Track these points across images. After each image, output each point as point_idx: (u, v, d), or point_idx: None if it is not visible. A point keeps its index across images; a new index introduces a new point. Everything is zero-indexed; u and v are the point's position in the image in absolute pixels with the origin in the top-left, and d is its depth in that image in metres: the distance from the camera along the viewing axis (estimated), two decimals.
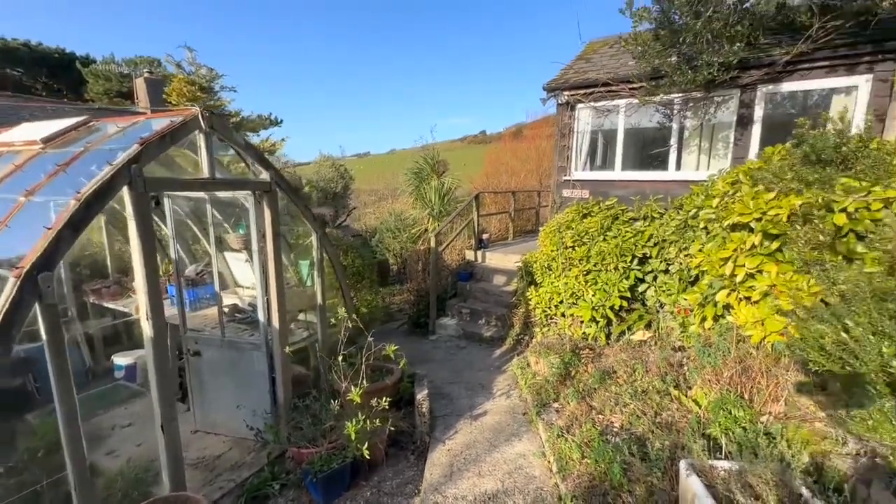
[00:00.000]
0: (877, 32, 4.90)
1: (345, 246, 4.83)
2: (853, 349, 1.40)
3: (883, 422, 1.30)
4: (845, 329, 1.43)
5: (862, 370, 1.37)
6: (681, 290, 4.77)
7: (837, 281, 1.53)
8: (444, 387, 5.05)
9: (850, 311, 1.42)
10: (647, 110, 6.59)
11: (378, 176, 29.03)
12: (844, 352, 1.45)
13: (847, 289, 1.47)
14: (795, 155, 2.22)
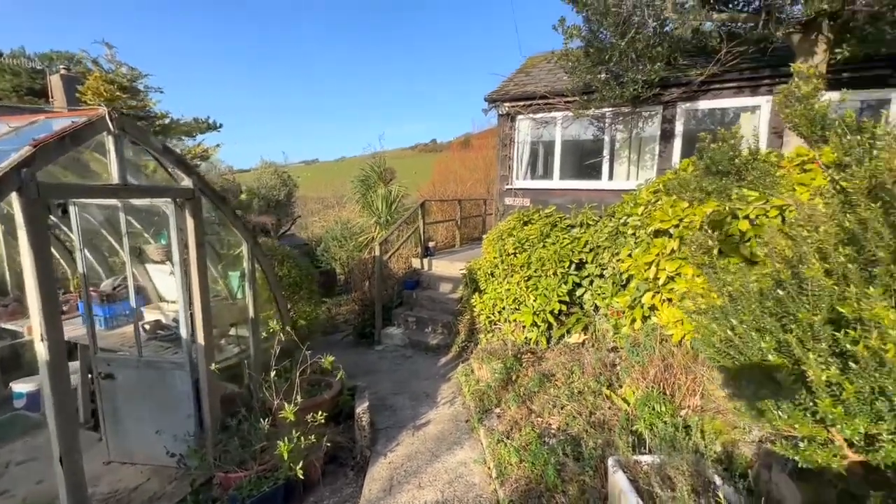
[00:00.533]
0: (773, 59, 5.49)
1: (280, 256, 4.62)
2: (738, 345, 1.53)
3: (765, 410, 1.43)
4: (731, 327, 1.56)
5: (746, 364, 1.50)
6: (614, 294, 5.02)
7: (726, 283, 1.67)
8: (388, 398, 4.96)
9: (736, 310, 1.55)
10: (582, 122, 6.94)
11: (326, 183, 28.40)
12: (731, 348, 1.59)
13: (734, 290, 1.61)
14: (699, 167, 2.42)
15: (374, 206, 11.13)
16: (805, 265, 1.34)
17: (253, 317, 3.97)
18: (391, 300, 7.50)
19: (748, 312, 1.49)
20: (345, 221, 12.41)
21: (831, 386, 1.26)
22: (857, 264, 1.26)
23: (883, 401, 1.16)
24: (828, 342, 1.28)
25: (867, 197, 1.29)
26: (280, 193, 14.28)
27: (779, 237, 1.51)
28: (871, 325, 1.20)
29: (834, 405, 1.22)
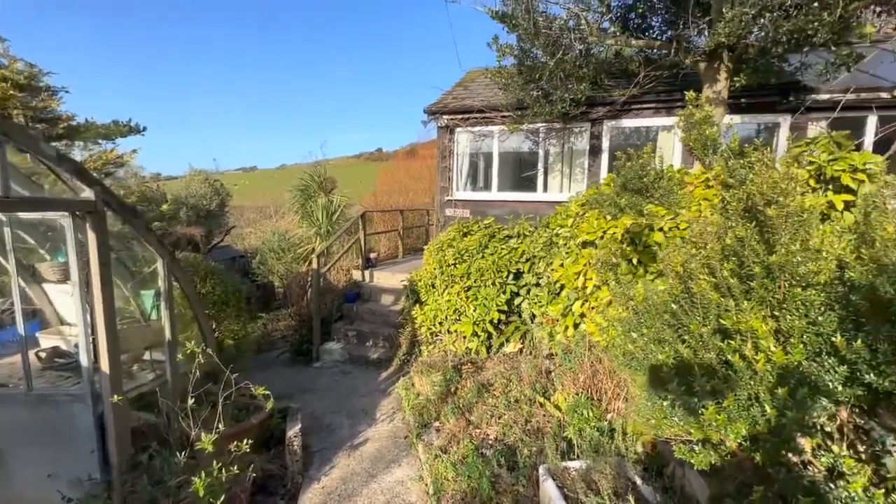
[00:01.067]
0: (685, 83, 6.03)
1: (203, 271, 4.31)
2: (639, 357, 1.64)
3: (661, 417, 1.54)
4: (632, 341, 1.66)
5: (647, 373, 1.60)
6: (549, 302, 5.19)
7: (629, 297, 1.78)
8: (324, 417, 4.76)
9: (640, 323, 1.66)
10: (518, 136, 7.19)
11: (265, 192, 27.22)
12: (633, 360, 1.69)
13: (637, 304, 1.72)
14: (616, 184, 2.58)
15: (314, 216, 10.78)
16: (694, 280, 1.46)
17: (170, 339, 3.65)
18: (331, 314, 7.26)
19: (649, 326, 1.60)
20: (283, 232, 11.90)
21: (716, 394, 1.37)
22: (738, 278, 1.39)
23: (757, 406, 1.28)
24: (716, 352, 1.40)
25: (744, 217, 1.44)
26: (211, 203, 13.42)
27: (674, 253, 1.64)
28: (748, 335, 1.32)
29: (718, 412, 1.33)
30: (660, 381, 1.53)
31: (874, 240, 1.32)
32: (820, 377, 1.28)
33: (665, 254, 1.70)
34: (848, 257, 1.33)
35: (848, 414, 1.57)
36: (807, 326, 1.34)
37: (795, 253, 1.31)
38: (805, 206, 1.37)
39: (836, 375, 1.26)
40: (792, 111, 5.80)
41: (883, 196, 1.42)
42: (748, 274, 1.43)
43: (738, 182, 1.52)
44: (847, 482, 1.29)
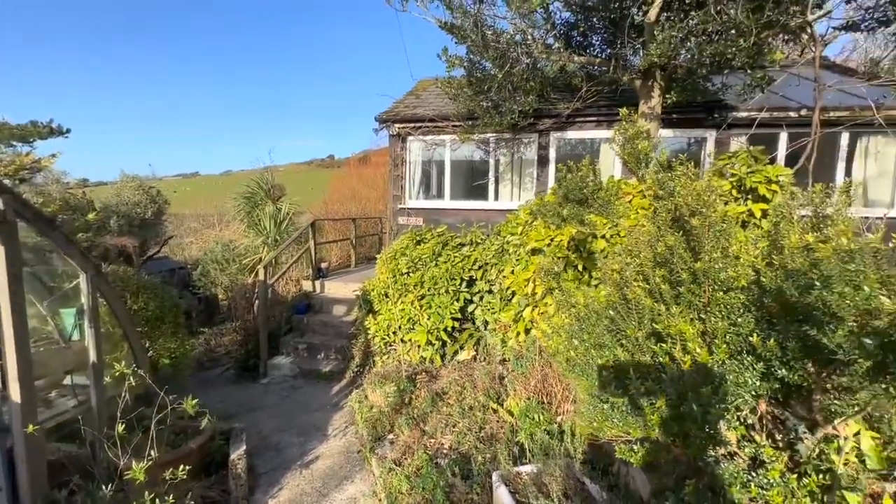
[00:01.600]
0: (624, 98, 6.42)
1: (135, 285, 3.99)
2: (580, 363, 1.72)
3: (602, 419, 1.61)
4: (573, 347, 1.74)
5: (588, 377, 1.68)
6: (501, 309, 5.29)
7: (572, 305, 1.86)
8: (272, 436, 4.54)
9: (582, 329, 1.74)
10: (469, 146, 7.32)
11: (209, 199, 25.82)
12: (575, 366, 1.77)
13: (580, 310, 1.80)
14: (559, 195, 2.70)
15: (262, 225, 10.37)
16: (629, 287, 1.55)
17: (95, 361, 3.34)
18: (279, 327, 6.97)
19: (590, 332, 1.67)
20: (227, 242, 11.33)
21: (650, 395, 1.46)
22: (668, 284, 1.49)
23: (685, 406, 1.38)
24: (650, 354, 1.49)
25: (672, 226, 1.55)
26: (147, 211, 12.50)
27: (610, 262, 1.73)
28: (677, 338, 1.42)
29: (651, 412, 1.41)
30: (600, 384, 1.60)
31: (783, 247, 1.47)
32: (741, 374, 1.39)
33: (602, 262, 1.79)
34: (759, 264, 1.48)
35: (767, 406, 1.72)
36: (729, 328, 1.47)
37: (717, 260, 1.44)
38: (725, 216, 1.50)
39: (754, 372, 1.38)
40: (716, 127, 6.33)
41: (790, 206, 1.59)
42: (677, 280, 1.54)
43: (667, 193, 1.64)
44: (766, 469, 1.40)
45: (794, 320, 1.33)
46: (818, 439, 1.51)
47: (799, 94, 6.51)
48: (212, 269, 10.53)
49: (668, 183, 1.64)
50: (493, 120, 5.95)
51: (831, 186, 2.00)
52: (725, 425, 1.49)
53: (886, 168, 6.32)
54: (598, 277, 3.66)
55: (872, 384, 1.15)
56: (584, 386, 1.72)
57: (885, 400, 1.14)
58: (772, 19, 3.93)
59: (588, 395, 1.69)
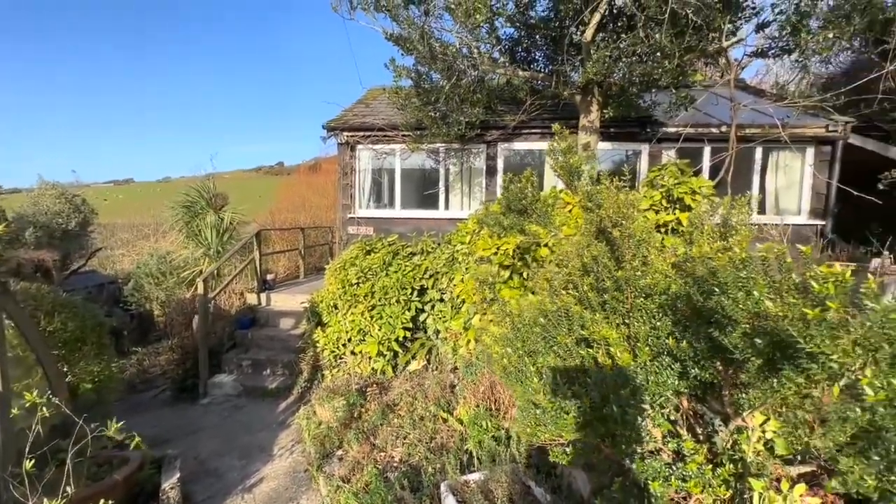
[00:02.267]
0: (565, 112, 6.74)
1: (50, 304, 3.63)
2: (513, 372, 1.78)
3: (535, 424, 1.67)
4: (507, 356, 1.80)
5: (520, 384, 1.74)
6: (452, 317, 5.33)
7: (507, 314, 1.92)
8: (211, 460, 4.27)
9: (517, 337, 1.80)
10: (420, 155, 7.37)
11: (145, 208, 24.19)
12: (509, 374, 1.83)
13: (516, 319, 1.86)
14: (503, 205, 2.78)
15: (202, 235, 9.83)
16: (558, 296, 1.63)
17: (0, 390, 2.99)
18: (221, 343, 6.60)
19: (524, 340, 1.73)
20: (164, 254, 10.62)
21: (578, 398, 1.54)
22: (595, 292, 1.58)
23: (607, 408, 1.46)
24: (579, 359, 1.56)
25: (598, 237, 1.65)
26: (69, 222, 11.47)
27: (542, 272, 1.81)
28: (602, 343, 1.51)
29: (578, 416, 1.49)
30: (533, 390, 1.66)
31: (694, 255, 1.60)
32: (661, 374, 1.50)
33: (533, 272, 1.87)
34: (671, 272, 1.61)
35: (689, 402, 1.86)
36: (650, 331, 1.58)
37: (637, 268, 1.55)
38: (645, 227, 1.62)
39: (672, 371, 1.49)
40: (649, 141, 6.79)
41: (701, 217, 1.75)
42: (603, 288, 1.64)
43: (595, 206, 1.75)
44: (685, 463, 1.51)
45: (702, 323, 1.46)
46: (731, 431, 1.64)
47: (720, 112, 7.13)
48: (146, 283, 9.83)
49: (595, 196, 1.75)
50: (440, 130, 6.04)
51: (747, 196, 2.21)
52: (651, 423, 1.59)
53: (794, 180, 7.05)
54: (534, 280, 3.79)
55: (764, 381, 1.28)
56: (519, 392, 1.77)
57: (776, 393, 1.26)
58: (692, 44, 4.30)
59: (523, 402, 1.74)
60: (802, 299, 1.20)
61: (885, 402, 1.03)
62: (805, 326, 1.14)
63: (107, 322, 4.14)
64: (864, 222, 6.84)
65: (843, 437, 1.11)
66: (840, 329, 1.10)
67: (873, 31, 6.32)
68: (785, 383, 1.18)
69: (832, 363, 1.09)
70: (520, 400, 1.76)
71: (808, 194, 6.96)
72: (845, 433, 1.10)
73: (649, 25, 4.46)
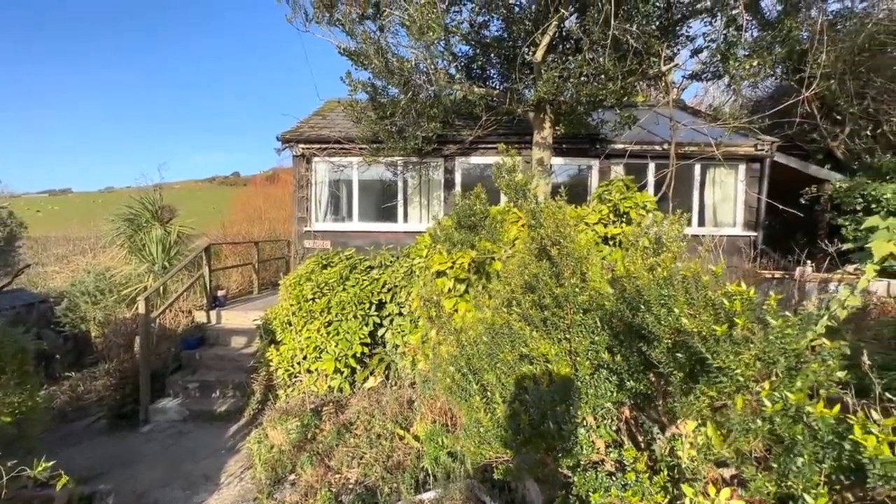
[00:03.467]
0: (520, 128, 6.94)
1: None
2: (456, 391, 1.79)
3: (479, 442, 1.69)
4: (451, 375, 1.81)
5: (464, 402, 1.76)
6: (411, 331, 5.29)
7: (452, 331, 1.94)
8: (150, 493, 3.99)
9: (462, 355, 1.82)
10: (378, 168, 7.34)
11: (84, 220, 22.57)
12: (454, 393, 1.85)
13: (459, 335, 1.88)
14: (454, 220, 2.82)
15: (147, 250, 9.27)
16: (499, 313, 1.67)
17: None
18: (166, 366, 6.21)
19: (467, 358, 1.75)
20: (103, 270, 9.90)
21: (516, 416, 1.57)
22: (537, 309, 1.62)
23: (545, 425, 1.50)
24: (519, 376, 1.60)
25: (538, 256, 1.70)
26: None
27: (488, 289, 1.85)
28: (541, 359, 1.55)
29: (517, 433, 1.52)
30: (476, 408, 1.67)
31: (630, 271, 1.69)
32: (600, 386, 1.55)
33: (475, 291, 1.90)
34: (606, 289, 1.69)
35: (630, 412, 1.93)
36: (589, 346, 1.64)
37: (575, 285, 1.61)
38: (585, 244, 1.69)
39: (610, 384, 1.55)
40: (598, 156, 7.12)
41: (636, 234, 1.85)
42: (544, 304, 1.69)
43: (538, 224, 1.81)
44: (625, 472, 1.56)
45: (634, 338, 1.53)
46: (668, 438, 1.72)
47: (662, 130, 7.60)
48: (81, 301, 9.12)
49: (538, 214, 1.81)
50: (397, 144, 6.05)
51: (681, 213, 2.36)
52: (594, 434, 1.65)
53: (729, 194, 7.59)
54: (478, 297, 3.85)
55: (687, 393, 1.36)
56: (464, 410, 1.78)
57: (692, 406, 1.35)
58: (633, 67, 4.58)
59: (468, 420, 1.75)
60: (714, 316, 1.30)
61: (782, 412, 1.12)
62: (715, 342, 1.23)
63: (30, 347, 3.79)
64: (790, 233, 7.46)
65: (746, 446, 1.19)
66: (743, 344, 1.19)
67: (791, 61, 6.98)
68: (699, 396, 1.26)
69: (738, 377, 1.18)
70: (465, 418, 1.77)
71: (741, 208, 7.51)
72: (748, 443, 1.18)
73: (595, 49, 4.71)
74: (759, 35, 5.47)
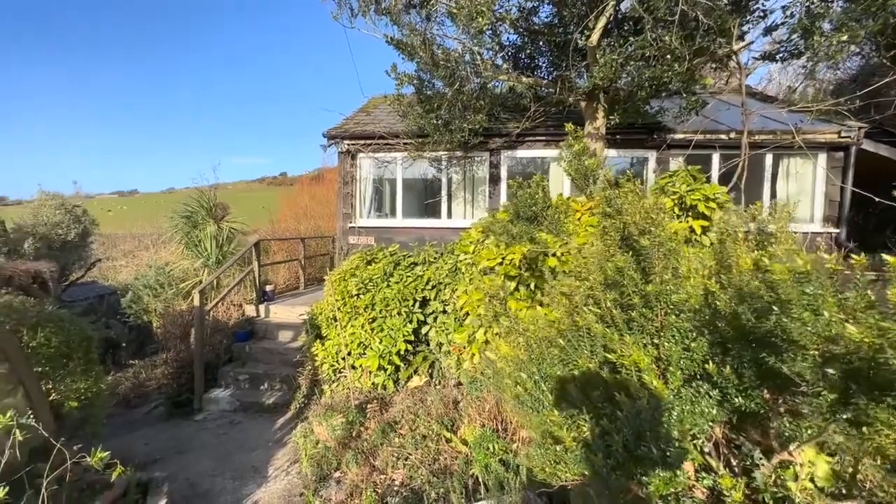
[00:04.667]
0: (570, 119, 6.58)
1: (34, 319, 3.47)
2: (527, 402, 1.59)
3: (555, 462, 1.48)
4: (520, 382, 1.62)
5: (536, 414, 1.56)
6: (456, 329, 5.12)
7: (518, 332, 1.74)
8: (202, 482, 4.06)
9: (531, 359, 1.62)
10: (422, 163, 7.23)
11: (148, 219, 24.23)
12: (523, 405, 1.65)
13: (528, 337, 1.68)
14: (511, 211, 2.62)
15: (202, 246, 9.71)
16: (579, 313, 1.45)
17: None
18: (218, 357, 6.42)
19: (537, 363, 1.55)
20: (162, 265, 10.48)
21: (605, 436, 1.35)
22: (620, 309, 1.40)
23: (643, 449, 1.28)
24: (603, 387, 1.38)
25: (622, 247, 1.47)
26: (69, 232, 11.40)
27: (559, 284, 1.63)
28: (632, 369, 1.33)
29: (607, 456, 1.30)
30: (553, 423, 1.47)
31: (730, 266, 1.43)
32: (697, 402, 1.31)
33: (550, 285, 1.69)
34: (712, 285, 1.42)
35: (722, 430, 1.66)
36: (682, 353, 1.39)
37: (668, 281, 1.37)
38: (671, 235, 1.44)
39: (710, 400, 1.31)
40: (656, 148, 6.64)
41: (734, 223, 1.58)
42: (629, 304, 1.46)
43: (614, 211, 1.58)
44: (723, 502, 1.31)
45: (750, 346, 1.28)
46: (774, 465, 1.45)
47: (728, 118, 6.99)
48: (144, 294, 9.69)
49: (615, 200, 1.58)
50: (443, 137, 5.90)
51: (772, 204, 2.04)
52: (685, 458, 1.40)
53: (805, 187, 6.87)
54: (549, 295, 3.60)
55: (835, 417, 1.09)
56: (535, 423, 1.58)
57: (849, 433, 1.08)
58: (702, 46, 4.16)
59: (540, 435, 1.55)
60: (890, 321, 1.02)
61: None
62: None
63: (95, 336, 3.95)
64: (880, 229, 6.64)
65: None
66: None
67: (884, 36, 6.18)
68: (880, 429, 0.99)
69: None
70: (535, 432, 1.57)
71: (820, 201, 6.77)
72: None
73: (657, 28, 4.33)
74: (848, 7, 4.86)
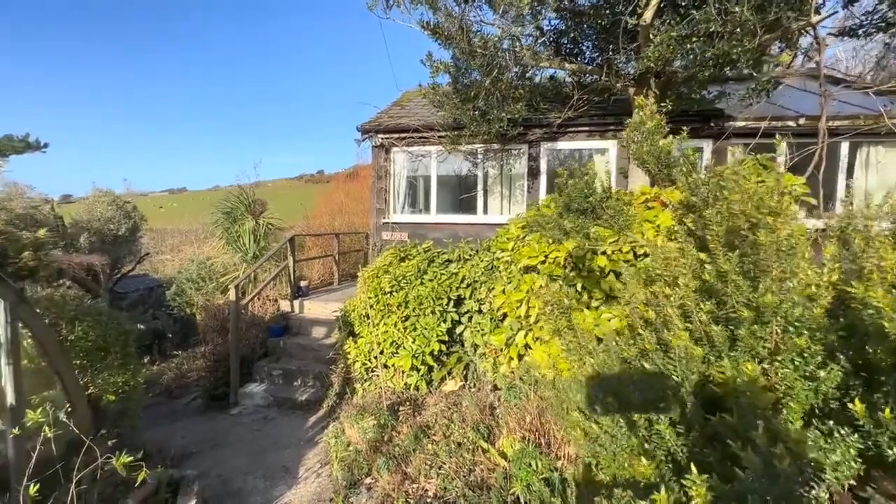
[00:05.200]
0: (616, 107, 6.15)
1: (73, 312, 3.50)
2: (604, 442, 1.31)
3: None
4: (594, 420, 1.34)
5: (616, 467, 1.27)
6: (492, 330, 4.86)
7: (585, 356, 1.46)
8: (234, 480, 4.02)
9: (601, 383, 1.35)
10: (456, 157, 6.98)
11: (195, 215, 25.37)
12: (595, 443, 1.37)
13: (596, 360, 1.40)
14: (559, 204, 2.33)
15: (241, 241, 9.91)
16: (671, 330, 1.17)
17: (13, 404, 2.82)
18: (253, 351, 6.45)
19: (615, 394, 1.27)
20: (204, 259, 10.79)
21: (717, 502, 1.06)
22: (720, 325, 1.10)
23: None
24: (701, 425, 1.09)
25: (724, 245, 1.17)
26: (120, 227, 11.94)
27: (639, 291, 1.34)
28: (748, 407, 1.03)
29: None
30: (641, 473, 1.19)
31: (861, 269, 1.10)
32: (829, 451, 1.00)
33: (630, 293, 1.40)
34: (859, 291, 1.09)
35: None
36: (805, 382, 1.07)
37: (791, 291, 1.06)
38: (799, 228, 1.12)
39: (846, 448, 0.99)
40: (714, 136, 6.08)
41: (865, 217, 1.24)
42: (730, 317, 1.15)
43: (701, 201, 1.28)
44: None
45: None
46: None
47: (794, 103, 6.32)
48: (187, 287, 10.01)
49: (700, 188, 1.28)
50: (480, 128, 5.62)
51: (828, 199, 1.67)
52: None
53: (889, 179, 6.11)
54: (598, 298, 3.27)
55: None
56: (613, 467, 1.29)
57: None
58: (779, 16, 3.66)
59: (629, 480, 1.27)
60: None
61: None
62: None
63: (132, 330, 3.98)
64: None
65: None
66: None
67: None
68: None
69: None
70: (607, 473, 1.30)
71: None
72: None
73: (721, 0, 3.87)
74: None
